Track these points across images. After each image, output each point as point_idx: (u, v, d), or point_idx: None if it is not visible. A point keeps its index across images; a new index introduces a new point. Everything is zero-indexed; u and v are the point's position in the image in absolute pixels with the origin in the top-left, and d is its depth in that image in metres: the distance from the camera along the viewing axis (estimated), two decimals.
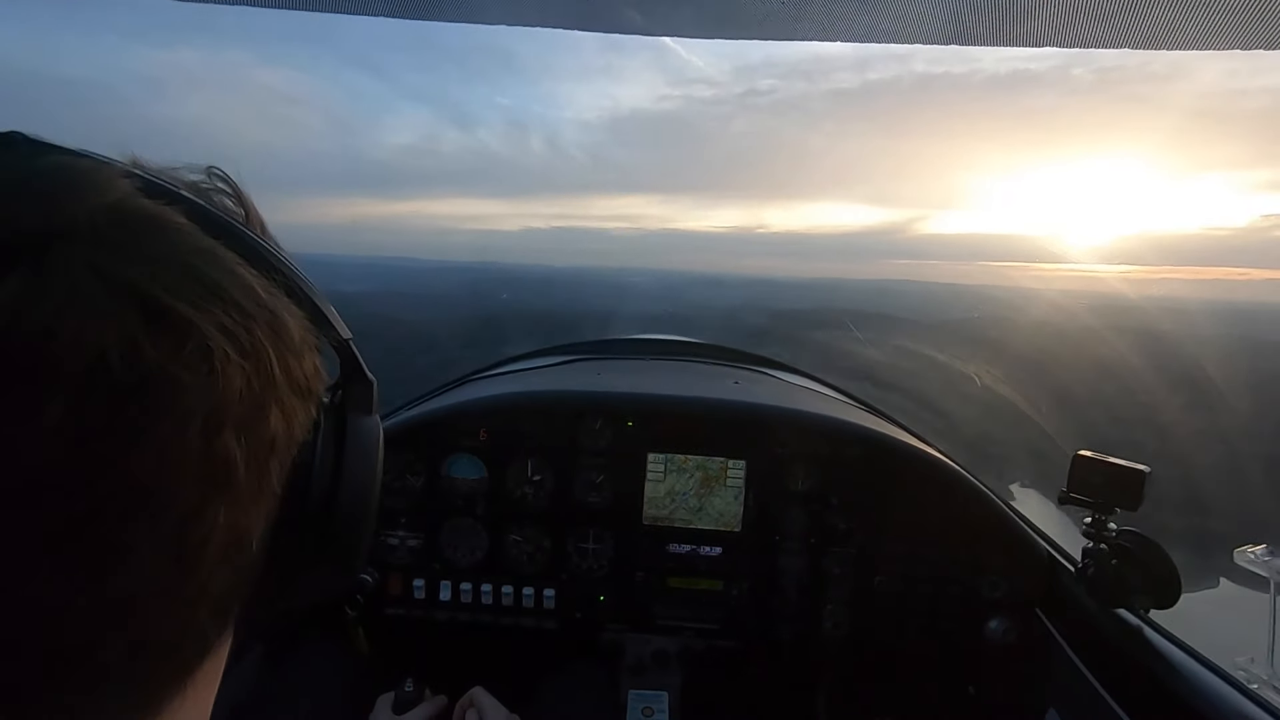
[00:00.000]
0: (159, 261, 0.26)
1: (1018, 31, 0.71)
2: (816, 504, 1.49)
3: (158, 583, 0.25)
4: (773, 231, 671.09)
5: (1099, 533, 1.18)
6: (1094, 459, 1.17)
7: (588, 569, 1.52)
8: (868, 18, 0.76)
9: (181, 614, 0.27)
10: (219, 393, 0.26)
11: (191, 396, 0.25)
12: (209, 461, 0.26)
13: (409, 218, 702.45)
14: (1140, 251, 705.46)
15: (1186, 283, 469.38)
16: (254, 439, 0.28)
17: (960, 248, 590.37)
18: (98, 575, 0.24)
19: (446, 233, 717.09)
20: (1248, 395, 10.24)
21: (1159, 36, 0.67)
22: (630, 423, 1.50)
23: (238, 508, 0.27)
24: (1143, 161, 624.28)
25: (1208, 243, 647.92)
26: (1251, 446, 8.55)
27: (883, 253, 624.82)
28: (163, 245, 0.27)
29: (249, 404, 0.27)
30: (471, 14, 0.83)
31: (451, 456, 1.50)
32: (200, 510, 0.26)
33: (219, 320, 0.27)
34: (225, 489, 0.26)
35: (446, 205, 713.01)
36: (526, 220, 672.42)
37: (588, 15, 0.82)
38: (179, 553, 0.26)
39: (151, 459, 0.24)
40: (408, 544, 1.50)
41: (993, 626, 1.43)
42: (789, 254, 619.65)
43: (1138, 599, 1.15)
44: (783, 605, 1.50)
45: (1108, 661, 1.18)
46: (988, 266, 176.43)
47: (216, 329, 0.26)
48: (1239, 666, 1.13)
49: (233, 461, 0.26)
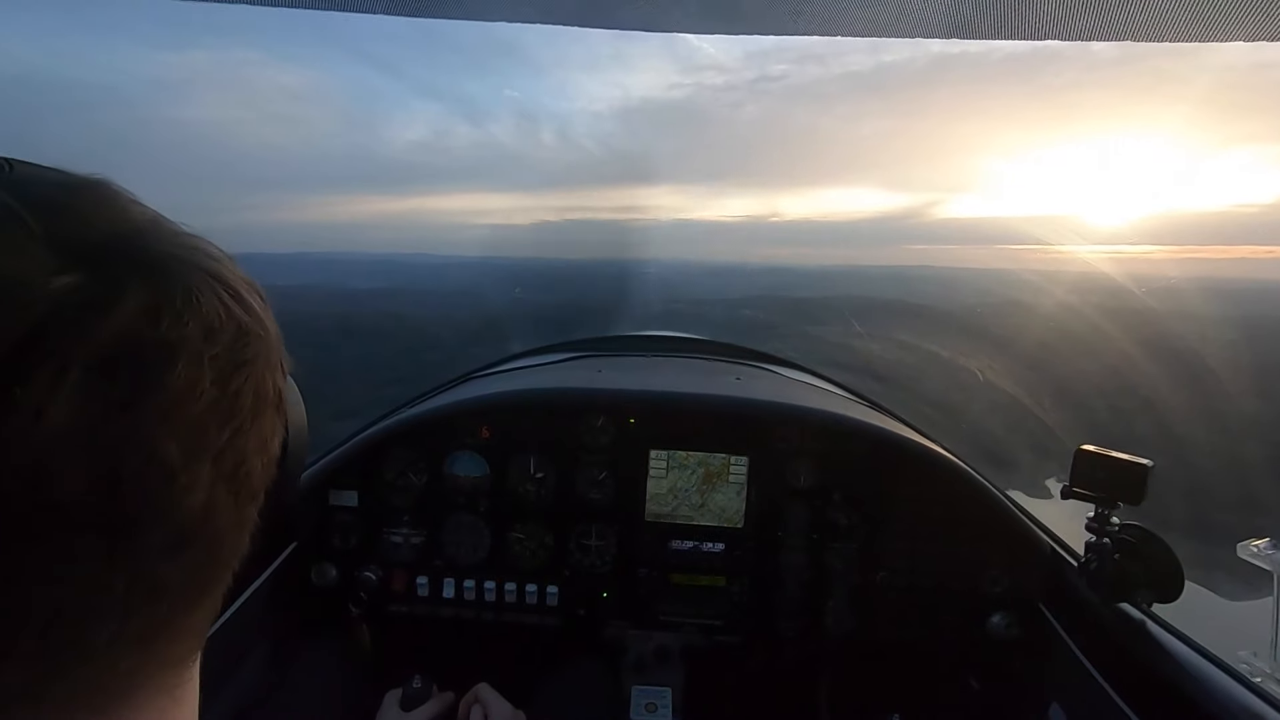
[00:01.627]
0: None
1: (1019, 24, 0.71)
2: (819, 500, 1.49)
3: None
4: (787, 219, 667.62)
5: (1102, 527, 1.18)
6: (1097, 453, 1.17)
7: (590, 566, 1.52)
8: (868, 12, 0.76)
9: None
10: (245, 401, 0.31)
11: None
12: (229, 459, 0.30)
13: (420, 214, 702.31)
14: (1163, 231, 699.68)
15: (1211, 261, 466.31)
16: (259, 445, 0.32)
17: (978, 232, 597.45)
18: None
19: (458, 228, 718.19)
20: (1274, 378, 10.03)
21: (1163, 29, 0.67)
22: (632, 420, 1.50)
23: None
24: (1166, 138, 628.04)
25: (1233, 220, 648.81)
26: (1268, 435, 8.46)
27: (899, 238, 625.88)
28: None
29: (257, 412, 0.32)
30: (474, 11, 0.83)
31: (454, 454, 1.50)
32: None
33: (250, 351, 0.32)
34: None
35: (458, 200, 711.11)
36: (538, 214, 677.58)
37: (589, 12, 0.82)
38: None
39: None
40: (411, 541, 1.50)
41: (995, 621, 1.43)
42: (803, 241, 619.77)
43: (1141, 593, 1.15)
44: (785, 601, 1.50)
45: (1111, 656, 1.18)
46: (1006, 250, 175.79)
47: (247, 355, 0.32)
48: (1242, 660, 1.12)
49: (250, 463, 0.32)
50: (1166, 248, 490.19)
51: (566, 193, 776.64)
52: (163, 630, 0.30)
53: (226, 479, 0.30)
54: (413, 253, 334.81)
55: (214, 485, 0.29)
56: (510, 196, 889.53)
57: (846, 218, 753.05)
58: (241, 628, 1.26)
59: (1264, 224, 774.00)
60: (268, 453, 0.33)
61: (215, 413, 0.29)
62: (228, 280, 0.31)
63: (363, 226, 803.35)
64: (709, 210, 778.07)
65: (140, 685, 0.30)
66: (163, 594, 0.28)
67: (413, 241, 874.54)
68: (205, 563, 0.30)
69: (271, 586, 1.37)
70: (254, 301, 0.33)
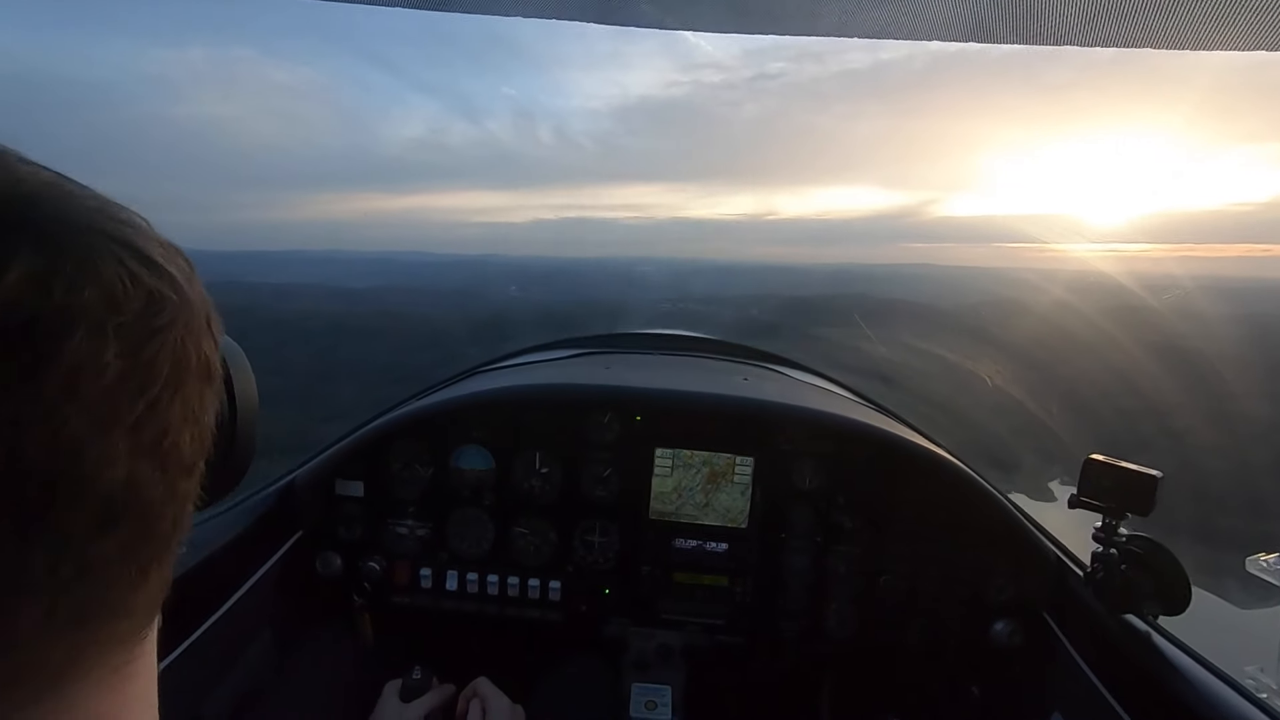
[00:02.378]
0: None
1: (1039, 29, 0.70)
2: (823, 502, 1.48)
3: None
4: (783, 218, 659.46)
5: (1109, 537, 1.17)
6: (1106, 463, 1.16)
7: (593, 562, 1.52)
8: (885, 13, 0.75)
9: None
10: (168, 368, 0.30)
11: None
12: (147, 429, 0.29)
13: (418, 212, 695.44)
14: (1160, 229, 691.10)
15: (1207, 260, 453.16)
16: (197, 417, 0.32)
17: (976, 230, 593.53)
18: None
19: (455, 226, 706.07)
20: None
21: (1185, 37, 0.66)
22: (638, 417, 1.51)
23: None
24: (1164, 136, 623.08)
25: (1230, 219, 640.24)
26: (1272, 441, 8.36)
27: (897, 237, 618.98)
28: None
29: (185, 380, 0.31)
30: (486, 6, 0.83)
31: (460, 447, 1.51)
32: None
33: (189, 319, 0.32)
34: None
35: (455, 198, 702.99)
36: (536, 212, 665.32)
37: (602, 9, 0.81)
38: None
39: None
40: (415, 533, 1.51)
41: (998, 629, 1.43)
42: (800, 240, 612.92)
43: (1147, 605, 1.14)
44: (787, 602, 1.50)
45: (1114, 667, 1.17)
46: (1003, 248, 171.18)
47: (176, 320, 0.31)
48: (1249, 675, 1.11)
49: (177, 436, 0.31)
50: (1163, 246, 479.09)
51: (564, 191, 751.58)
52: (101, 609, 0.29)
53: (147, 452, 0.29)
54: (409, 250, 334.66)
55: (134, 459, 0.28)
56: (507, 194, 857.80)
57: (843, 216, 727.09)
58: (246, 614, 1.27)
59: (1261, 222, 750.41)
60: (198, 424, 0.32)
61: (126, 383, 0.28)
62: (136, 245, 0.30)
63: (359, 225, 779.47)
64: (706, 209, 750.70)
65: (82, 665, 0.30)
66: (95, 573, 0.28)
67: (409, 240, 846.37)
68: (140, 538, 0.30)
69: (277, 574, 1.39)
70: (172, 267, 0.31)
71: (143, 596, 0.31)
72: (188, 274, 0.33)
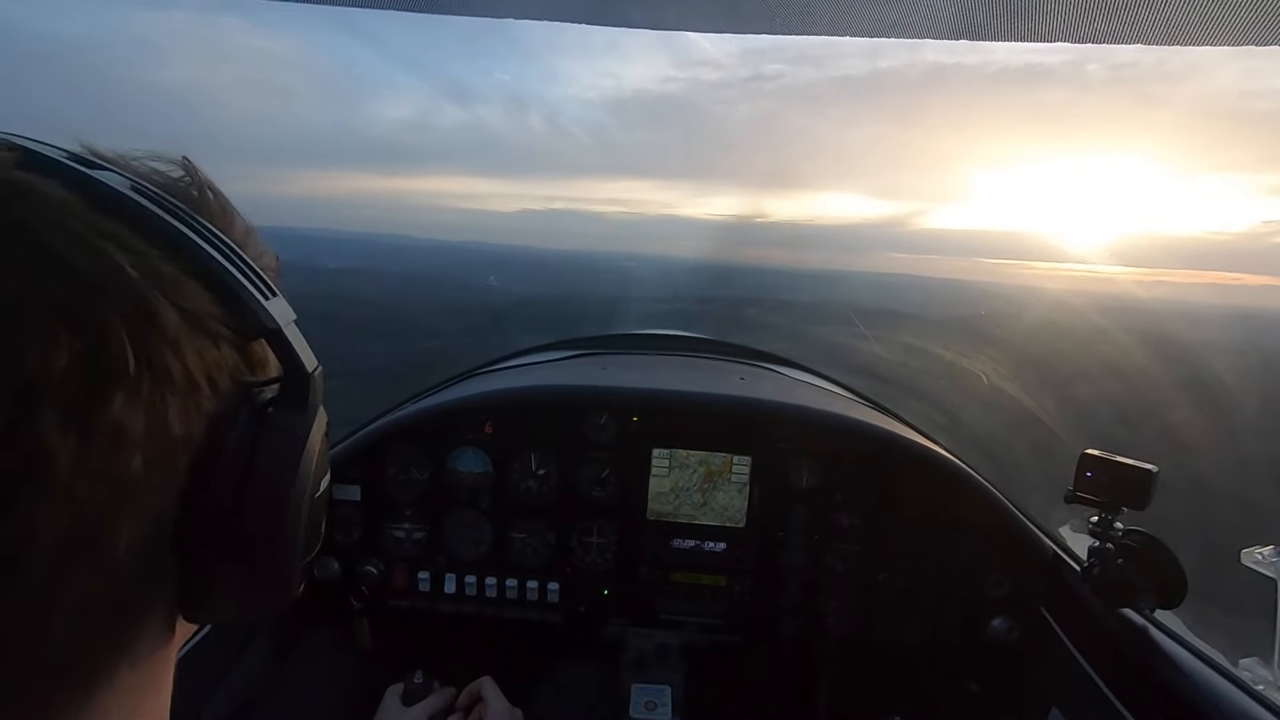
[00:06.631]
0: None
1: (1029, 26, 0.70)
2: (820, 500, 1.49)
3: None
4: (773, 221, 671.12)
5: (1105, 532, 1.18)
6: (1101, 458, 1.16)
7: (591, 563, 1.52)
8: (878, 11, 0.75)
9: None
10: (31, 368, 0.24)
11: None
12: (19, 442, 0.24)
13: (402, 194, 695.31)
14: (1140, 252, 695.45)
15: (1182, 285, 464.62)
16: (88, 426, 0.25)
17: (962, 243, 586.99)
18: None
19: (441, 211, 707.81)
20: (1255, 399, 10.15)
21: (1174, 32, 0.67)
22: (635, 418, 1.51)
23: (62, 499, 0.25)
24: (1151, 161, 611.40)
25: (1206, 246, 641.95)
26: (1259, 448, 8.47)
27: (884, 246, 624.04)
28: (9, 215, 0.26)
29: (77, 386, 0.25)
30: (476, 7, 0.83)
31: (457, 450, 1.51)
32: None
33: (51, 295, 0.25)
34: (41, 475, 0.24)
35: (441, 183, 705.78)
36: (523, 201, 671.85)
37: (595, 9, 0.81)
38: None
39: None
40: (413, 536, 1.51)
41: (996, 624, 1.43)
42: (788, 244, 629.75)
43: (1143, 598, 1.15)
44: (786, 601, 1.50)
45: (1112, 661, 1.18)
46: (990, 264, 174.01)
47: (44, 304, 0.25)
48: (1244, 667, 1.12)
49: (51, 446, 0.24)
50: (1143, 269, 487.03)
51: (552, 181, 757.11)
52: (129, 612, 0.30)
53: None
54: (390, 233, 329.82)
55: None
56: (495, 182, 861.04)
57: (831, 222, 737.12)
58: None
59: (1232, 252, 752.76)
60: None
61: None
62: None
63: (341, 204, 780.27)
64: (696, 207, 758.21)
65: (107, 670, 0.30)
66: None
67: (392, 221, 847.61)
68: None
69: None
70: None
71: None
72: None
